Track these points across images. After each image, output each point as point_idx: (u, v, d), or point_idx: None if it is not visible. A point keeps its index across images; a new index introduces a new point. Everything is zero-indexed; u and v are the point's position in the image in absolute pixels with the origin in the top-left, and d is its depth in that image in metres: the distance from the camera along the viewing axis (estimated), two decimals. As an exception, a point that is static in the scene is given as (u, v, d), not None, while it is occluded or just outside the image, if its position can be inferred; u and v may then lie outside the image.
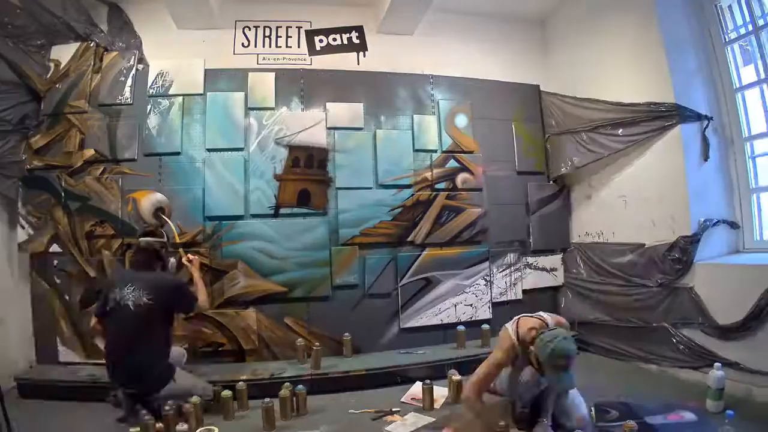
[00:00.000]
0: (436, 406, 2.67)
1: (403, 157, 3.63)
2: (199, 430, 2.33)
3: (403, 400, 2.80)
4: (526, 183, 3.93)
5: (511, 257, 3.84)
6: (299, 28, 3.68)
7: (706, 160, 3.03)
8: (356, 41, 3.74)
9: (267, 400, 2.46)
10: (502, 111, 3.96)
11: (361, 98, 3.62)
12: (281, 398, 2.55)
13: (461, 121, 3.81)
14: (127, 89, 3.45)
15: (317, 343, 3.20)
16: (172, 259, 2.98)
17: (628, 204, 3.43)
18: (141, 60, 3.52)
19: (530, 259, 3.90)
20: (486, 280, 3.75)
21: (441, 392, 2.78)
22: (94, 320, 2.86)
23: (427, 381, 2.67)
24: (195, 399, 2.48)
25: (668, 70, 3.03)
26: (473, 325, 3.56)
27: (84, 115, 3.41)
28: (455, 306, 3.66)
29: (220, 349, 3.31)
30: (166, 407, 2.39)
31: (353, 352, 3.35)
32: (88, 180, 3.35)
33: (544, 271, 3.95)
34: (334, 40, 3.71)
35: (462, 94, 3.87)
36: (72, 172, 3.35)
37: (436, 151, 3.72)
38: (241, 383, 2.75)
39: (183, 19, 3.49)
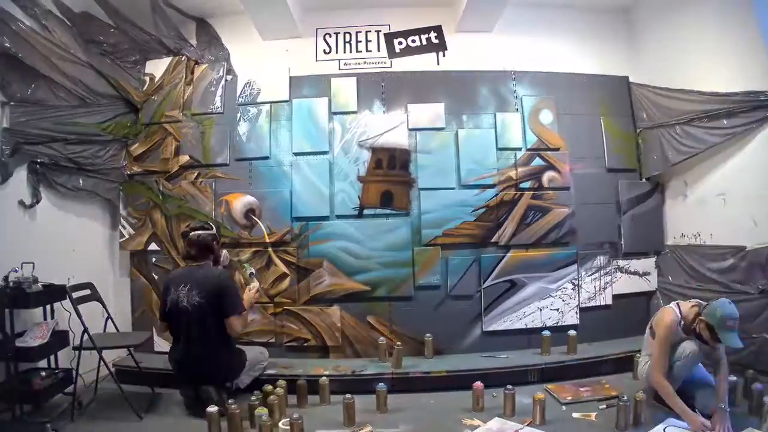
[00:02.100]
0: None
1: (486, 156, 3.85)
2: (282, 421, 2.58)
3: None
4: (616, 181, 4.01)
5: (600, 260, 3.93)
6: (378, 31, 4.06)
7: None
8: (435, 41, 4.05)
9: (348, 396, 2.72)
10: (589, 105, 4.07)
11: (442, 98, 3.90)
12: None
13: (546, 117, 3.97)
14: (218, 99, 3.99)
15: (399, 343, 3.47)
16: (225, 252, 3.24)
17: (726, 203, 3.40)
18: (229, 71, 4.06)
19: (621, 263, 3.97)
20: (574, 283, 3.86)
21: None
22: (160, 323, 3.10)
23: (509, 387, 2.81)
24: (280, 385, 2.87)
25: (767, 55, 3.00)
26: (559, 330, 3.68)
27: (178, 123, 3.99)
28: (540, 310, 3.81)
29: (305, 344, 3.73)
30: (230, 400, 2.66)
31: (434, 353, 3.59)
32: (184, 184, 3.91)
33: (636, 276, 4.00)
34: (413, 41, 4.05)
35: (546, 89, 4.03)
36: (168, 177, 3.93)
37: (520, 149, 3.91)
38: (323, 378, 3.07)
39: (267, 30, 3.97)
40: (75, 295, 3.05)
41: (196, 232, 2.95)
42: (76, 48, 3.64)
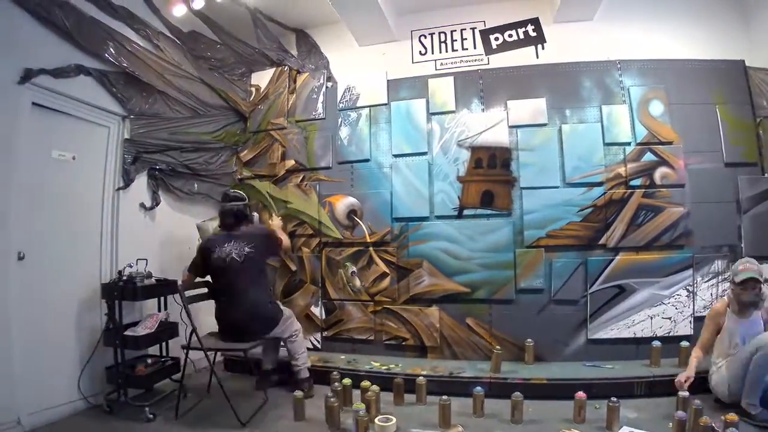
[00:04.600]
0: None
1: (593, 152, 3.29)
2: (377, 417, 2.40)
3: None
4: (735, 176, 3.26)
5: (718, 265, 3.21)
6: (473, 29, 3.63)
7: None
8: (533, 34, 3.54)
9: (444, 397, 2.46)
10: (703, 93, 3.35)
11: (543, 93, 3.39)
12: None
13: (656, 108, 3.31)
14: (320, 105, 3.80)
15: (498, 347, 3.09)
16: (255, 214, 3.32)
17: None
18: (329, 78, 3.85)
19: (741, 267, 3.26)
20: (688, 290, 3.19)
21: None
22: (185, 275, 2.85)
23: (614, 399, 2.38)
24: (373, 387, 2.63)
25: None
26: (670, 341, 3.06)
27: (284, 130, 3.86)
28: (651, 318, 3.19)
29: (403, 343, 3.44)
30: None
31: (535, 359, 3.15)
32: (290, 187, 3.77)
33: (757, 282, 3.26)
34: (510, 36, 3.56)
35: (654, 78, 3.37)
36: (276, 181, 3.82)
37: (629, 144, 3.30)
38: (420, 378, 2.82)
39: (363, 36, 3.73)
40: (191, 293, 2.87)
41: (229, 204, 2.89)
42: (187, 64, 3.65)
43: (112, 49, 2.98)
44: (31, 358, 2.48)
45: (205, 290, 3.12)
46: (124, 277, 2.79)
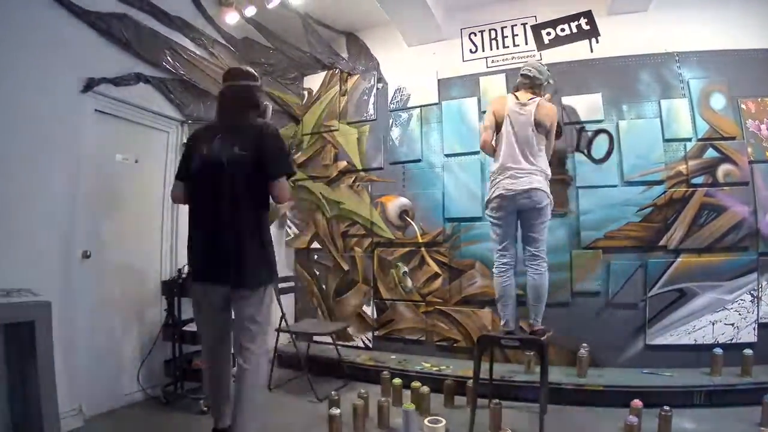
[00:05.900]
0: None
1: (652, 148, 3.04)
2: (427, 419, 2.31)
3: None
4: None
5: (785, 268, 2.94)
6: (524, 24, 3.41)
7: None
8: (586, 28, 3.28)
9: (496, 401, 2.34)
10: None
11: (599, 88, 3.16)
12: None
13: (718, 102, 3.03)
14: (371, 106, 3.71)
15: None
16: (269, 104, 2.10)
17: None
18: (380, 79, 3.75)
19: (810, 270, 2.92)
20: (752, 295, 2.91)
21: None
22: (175, 186, 2.07)
23: (666, 407, 2.19)
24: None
25: None
26: (733, 348, 2.79)
27: (336, 132, 3.80)
28: (713, 324, 2.92)
29: (454, 344, 3.32)
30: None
31: (590, 364, 2.92)
32: (343, 187, 3.72)
33: (826, 286, 2.91)
34: (562, 30, 3.32)
35: (715, 70, 3.07)
36: (329, 182, 3.77)
37: (690, 140, 3.03)
38: (471, 381, 2.66)
39: (413, 36, 3.59)
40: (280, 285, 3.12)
41: (236, 82, 1.97)
42: (240, 70, 3.58)
43: (169, 58, 3.00)
44: (94, 351, 2.55)
45: (292, 283, 3.31)
46: (184, 275, 2.80)
